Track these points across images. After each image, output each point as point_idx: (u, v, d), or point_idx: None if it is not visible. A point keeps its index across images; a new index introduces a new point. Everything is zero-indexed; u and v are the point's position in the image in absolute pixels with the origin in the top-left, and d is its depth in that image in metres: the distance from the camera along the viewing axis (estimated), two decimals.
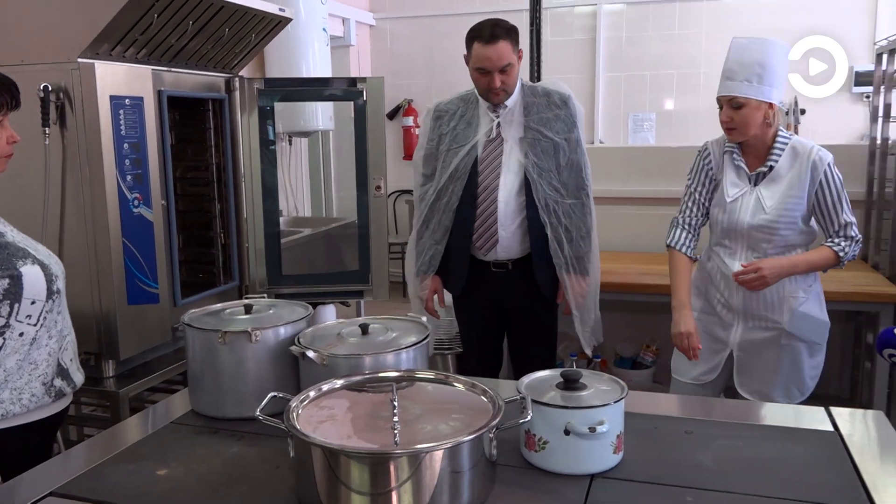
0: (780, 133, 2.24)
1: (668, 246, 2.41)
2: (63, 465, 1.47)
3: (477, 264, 2.61)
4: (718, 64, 2.43)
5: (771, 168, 2.23)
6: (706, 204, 2.37)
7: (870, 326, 3.21)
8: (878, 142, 3.42)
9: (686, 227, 2.40)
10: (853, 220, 2.24)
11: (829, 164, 2.19)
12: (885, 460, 1.42)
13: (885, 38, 3.05)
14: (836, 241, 2.22)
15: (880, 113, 3.42)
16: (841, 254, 2.21)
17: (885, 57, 3.25)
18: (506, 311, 2.70)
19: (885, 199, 3.32)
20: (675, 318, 2.29)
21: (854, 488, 1.28)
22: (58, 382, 1.81)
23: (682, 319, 2.27)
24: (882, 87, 3.40)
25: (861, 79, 5.45)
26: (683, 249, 2.37)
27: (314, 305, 4.00)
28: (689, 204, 2.40)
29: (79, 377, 1.92)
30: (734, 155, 2.29)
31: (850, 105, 5.65)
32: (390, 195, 6.66)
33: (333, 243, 4.15)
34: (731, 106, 2.19)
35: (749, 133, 2.21)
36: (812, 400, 2.11)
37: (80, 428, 2.88)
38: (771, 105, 2.18)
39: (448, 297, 2.77)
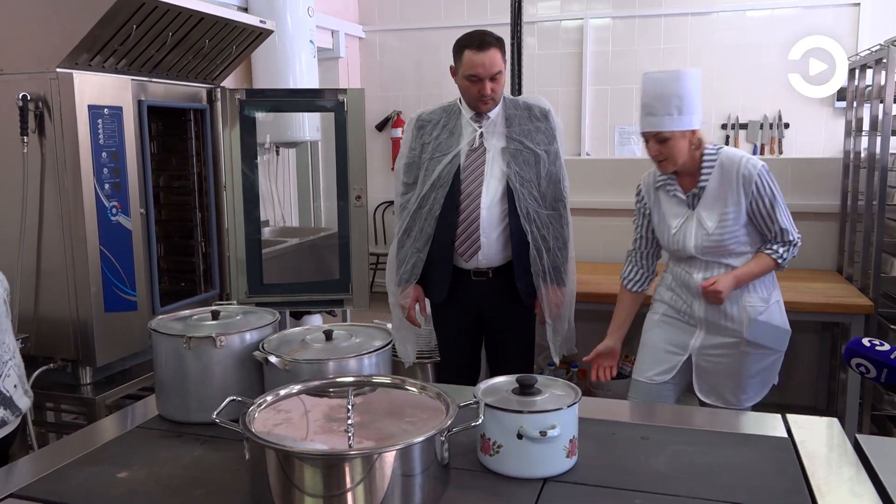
0: (706, 151, 2.26)
1: (621, 277, 2.55)
2: (25, 467, 1.49)
3: (457, 273, 2.64)
4: (704, 78, 2.41)
5: (703, 188, 2.26)
6: (650, 236, 2.47)
7: (844, 338, 3.25)
8: (852, 156, 3.47)
9: (637, 262, 2.52)
10: (789, 225, 2.27)
11: (759, 174, 2.21)
12: (833, 465, 1.45)
13: (857, 55, 3.10)
14: (774, 247, 2.28)
15: (853, 127, 3.48)
16: (779, 260, 2.27)
17: (857, 72, 3.31)
18: (485, 320, 2.73)
19: (858, 211, 3.37)
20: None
21: (799, 492, 1.31)
22: (0, 412, 1.79)
23: (602, 343, 2.51)
24: (854, 101, 3.46)
25: (842, 94, 5.51)
26: (629, 285, 2.52)
27: (300, 315, 4.05)
28: (637, 240, 2.51)
29: (25, 402, 1.89)
30: (668, 186, 2.33)
31: (832, 120, 5.71)
32: (379, 205, 6.69)
33: (317, 253, 4.17)
34: (657, 140, 2.22)
35: (679, 162, 2.25)
36: (785, 410, 2.14)
37: (59, 436, 2.89)
38: (693, 132, 2.22)
39: (427, 306, 2.79)
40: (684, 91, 2.18)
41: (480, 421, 1.31)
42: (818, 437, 1.58)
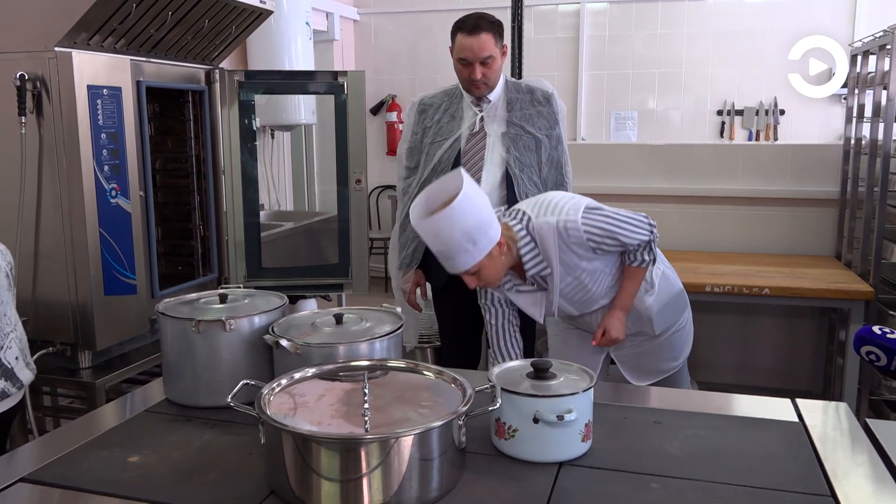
0: (519, 243, 2.00)
1: None
2: (34, 451, 1.47)
3: None
4: (700, 64, 2.41)
5: (537, 275, 2.05)
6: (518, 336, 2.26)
7: (842, 323, 3.27)
8: (853, 142, 3.47)
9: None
10: (636, 230, 2.02)
11: (582, 227, 1.96)
12: (846, 450, 1.45)
13: (860, 40, 3.10)
14: (635, 255, 2.08)
15: (854, 114, 3.48)
16: (643, 265, 2.08)
17: (859, 59, 3.30)
18: None
19: (858, 197, 3.38)
20: None
21: (814, 476, 1.31)
22: (0, 384, 1.77)
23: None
24: (856, 88, 3.46)
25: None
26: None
27: (295, 299, 4.04)
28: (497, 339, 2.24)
29: (27, 374, 1.87)
30: (507, 285, 2.14)
31: (829, 106, 5.72)
32: (373, 190, 6.66)
33: (314, 237, 4.15)
34: (469, 274, 1.95)
35: (501, 276, 2.01)
36: (782, 394, 2.15)
37: (56, 419, 2.87)
38: (499, 244, 1.91)
39: (429, 290, 2.78)
40: (466, 224, 1.81)
41: (498, 405, 1.30)
42: (829, 422, 1.59)
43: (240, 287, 1.85)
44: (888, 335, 1.59)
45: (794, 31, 5.60)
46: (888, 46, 2.95)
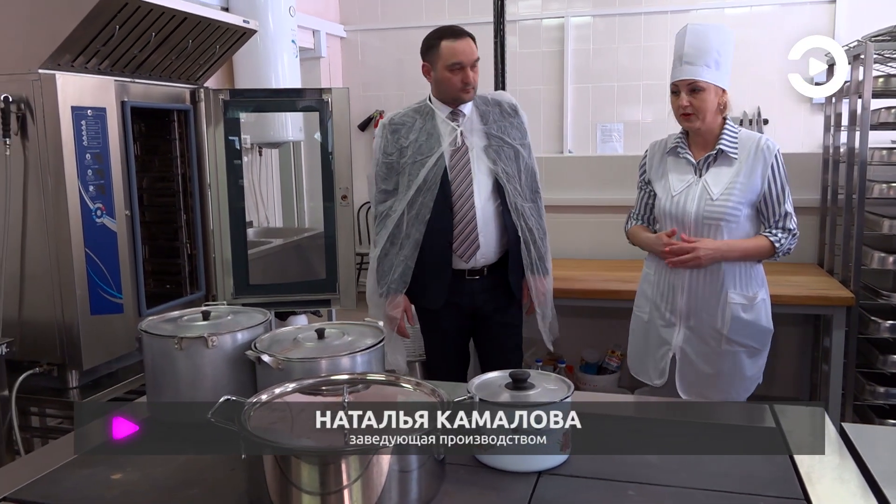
0: (728, 123, 2.27)
1: (626, 231, 2.57)
2: (17, 470, 1.48)
3: (452, 275, 2.61)
4: None
5: (720, 152, 2.24)
6: (650, 202, 2.47)
7: (826, 330, 3.30)
8: (832, 150, 3.52)
9: (639, 218, 2.54)
10: (792, 212, 2.27)
11: (776, 153, 2.22)
12: (821, 454, 1.47)
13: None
14: (774, 231, 2.25)
15: (832, 122, 3.53)
16: (777, 245, 2.23)
17: (835, 68, 3.34)
18: (478, 319, 2.70)
19: (838, 205, 3.42)
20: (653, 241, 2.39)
21: (788, 480, 1.34)
22: None
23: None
24: (833, 97, 3.51)
25: None
26: (636, 223, 2.54)
27: (285, 316, 4.05)
28: (638, 202, 2.54)
29: None
30: (678, 149, 2.32)
31: (810, 115, 5.78)
32: (363, 206, 6.68)
33: (303, 253, 4.16)
34: (689, 90, 2.20)
35: (706, 119, 2.22)
36: (769, 402, 2.17)
37: (45, 440, 2.86)
38: (724, 91, 2.23)
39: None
40: (724, 47, 2.20)
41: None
42: (805, 426, 1.61)
43: (223, 304, 1.87)
44: None
45: (776, 42, 5.68)
46: (862, 56, 3.00)
